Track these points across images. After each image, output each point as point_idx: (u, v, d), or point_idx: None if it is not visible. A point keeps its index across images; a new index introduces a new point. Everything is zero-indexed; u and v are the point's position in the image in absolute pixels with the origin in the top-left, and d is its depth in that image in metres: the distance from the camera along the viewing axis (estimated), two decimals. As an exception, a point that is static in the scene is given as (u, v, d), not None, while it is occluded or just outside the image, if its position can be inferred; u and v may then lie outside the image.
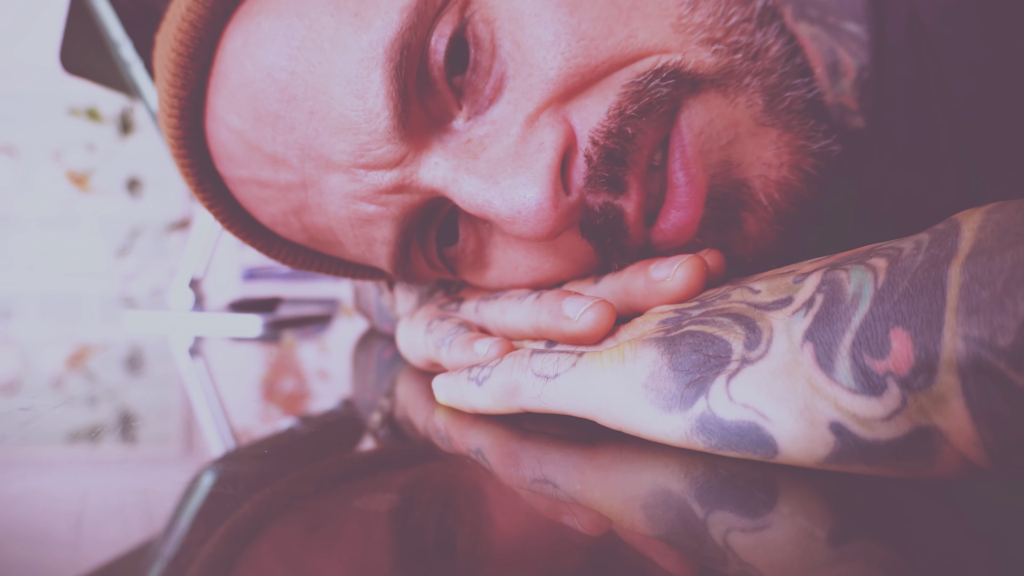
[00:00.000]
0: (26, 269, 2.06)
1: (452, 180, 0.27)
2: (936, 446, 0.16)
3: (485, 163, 0.27)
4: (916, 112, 0.30)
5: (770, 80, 0.28)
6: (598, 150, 0.26)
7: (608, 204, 0.27)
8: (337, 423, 0.28)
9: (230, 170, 0.32)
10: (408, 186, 0.28)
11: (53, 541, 0.15)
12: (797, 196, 0.28)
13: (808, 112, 0.28)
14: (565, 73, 0.26)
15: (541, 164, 0.26)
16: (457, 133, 0.28)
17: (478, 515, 0.17)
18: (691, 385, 0.20)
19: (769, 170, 0.28)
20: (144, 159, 2.13)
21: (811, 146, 0.28)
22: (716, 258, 0.26)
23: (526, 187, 0.25)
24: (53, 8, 1.26)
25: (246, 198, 0.33)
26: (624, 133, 0.26)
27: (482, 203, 0.26)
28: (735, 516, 0.16)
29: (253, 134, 0.29)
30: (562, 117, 0.27)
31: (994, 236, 0.16)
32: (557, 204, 0.25)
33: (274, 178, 0.30)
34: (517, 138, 0.27)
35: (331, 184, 0.29)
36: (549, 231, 0.26)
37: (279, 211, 0.32)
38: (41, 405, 0.29)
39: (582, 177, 0.27)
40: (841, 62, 0.32)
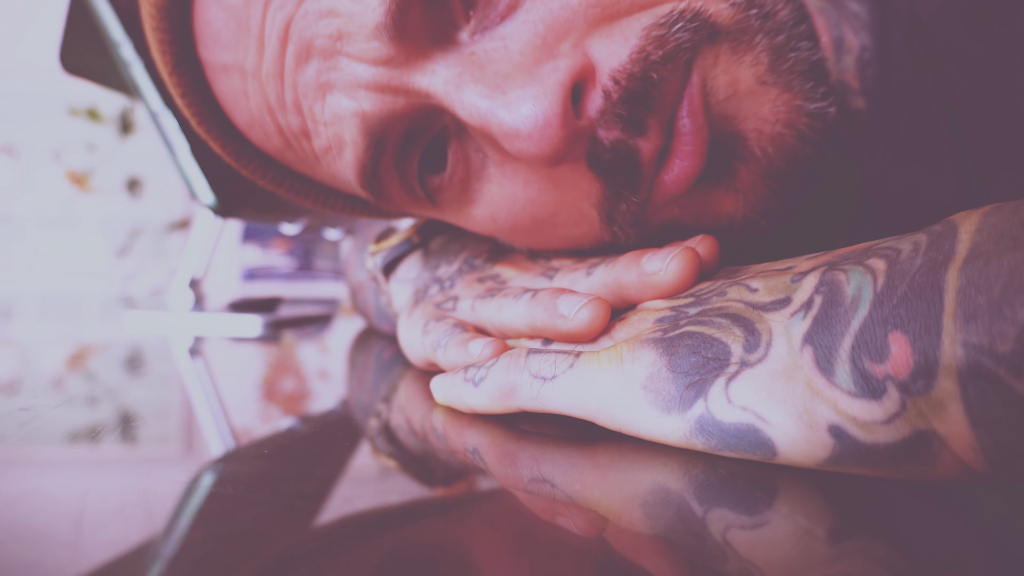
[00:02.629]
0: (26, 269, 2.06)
1: (454, 86, 0.26)
2: (935, 450, 0.16)
3: (492, 74, 0.26)
4: (917, 110, 0.30)
5: (777, 40, 0.27)
6: (619, 89, 0.26)
7: (621, 141, 0.26)
8: (337, 423, 0.28)
9: (215, 54, 0.30)
10: (395, 87, 0.27)
11: (53, 541, 0.15)
12: (790, 152, 0.28)
13: (809, 73, 0.28)
14: (588, 3, 0.25)
15: (553, 80, 0.25)
16: (460, 46, 0.27)
17: (477, 515, 0.17)
18: (690, 387, 0.20)
19: (764, 124, 0.28)
20: (144, 159, 2.13)
21: (808, 106, 0.28)
22: (709, 247, 0.26)
23: (535, 100, 0.25)
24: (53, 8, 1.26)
25: (225, 90, 0.31)
26: (649, 78, 0.25)
27: (485, 111, 0.26)
28: (734, 514, 0.16)
29: (244, 11, 0.27)
30: (582, 51, 0.26)
31: (990, 240, 0.16)
32: (565, 122, 0.25)
33: (257, 65, 0.28)
34: (531, 59, 0.26)
35: (308, 74, 0.27)
36: (553, 150, 0.25)
37: (256, 107, 0.30)
38: (41, 405, 0.29)
39: (596, 109, 0.26)
40: (845, 39, 0.32)
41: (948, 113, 0.28)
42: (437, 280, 0.38)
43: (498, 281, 0.34)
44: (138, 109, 2.09)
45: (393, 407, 0.30)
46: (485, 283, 0.34)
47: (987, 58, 0.27)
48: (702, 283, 0.24)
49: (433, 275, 0.39)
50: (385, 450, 0.23)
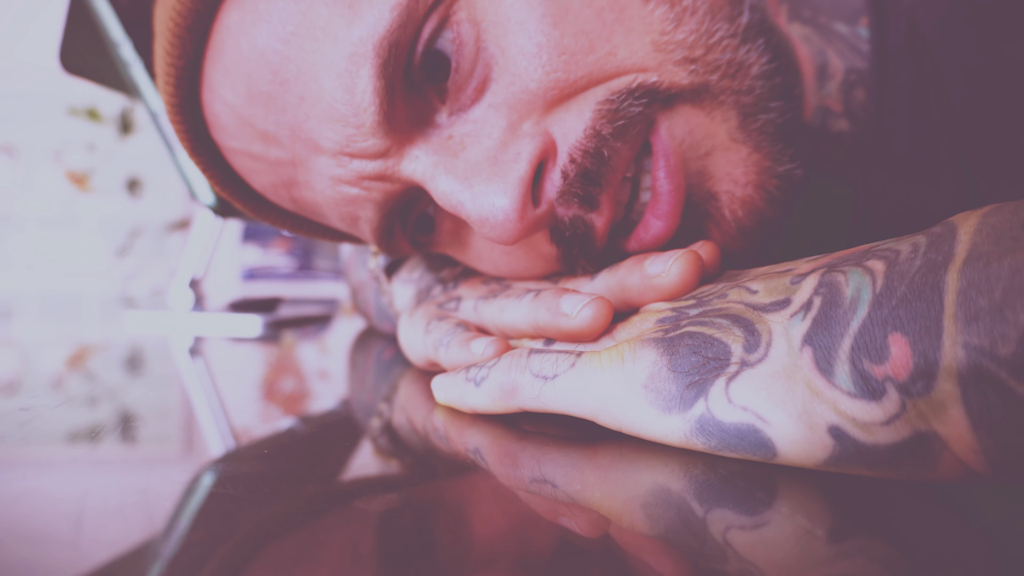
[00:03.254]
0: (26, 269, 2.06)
1: (431, 176, 0.28)
2: (936, 451, 0.16)
3: (463, 163, 0.28)
4: (916, 120, 0.30)
5: (746, 99, 0.29)
6: (575, 168, 0.27)
7: (578, 218, 0.28)
8: (337, 423, 0.28)
9: (224, 139, 0.33)
10: (390, 176, 0.29)
11: (53, 541, 0.15)
12: (760, 214, 0.30)
13: (778, 135, 0.29)
14: (545, 86, 0.27)
15: (514, 175, 0.27)
16: (439, 128, 0.29)
17: (478, 515, 0.17)
18: (690, 387, 0.20)
19: (736, 187, 0.29)
20: (144, 159, 2.13)
21: (777, 168, 0.30)
22: (711, 251, 0.26)
23: (496, 195, 0.27)
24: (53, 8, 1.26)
25: (239, 166, 0.34)
26: (600, 155, 0.27)
27: (455, 203, 0.28)
28: (734, 514, 0.16)
29: (246, 110, 0.30)
30: (543, 129, 0.28)
31: (990, 240, 0.16)
32: (524, 216, 0.27)
33: (264, 153, 0.31)
34: (498, 143, 0.28)
35: (318, 166, 0.30)
36: (513, 239, 0.27)
37: (269, 183, 0.33)
38: (41, 405, 0.29)
39: (555, 190, 0.28)
40: (829, 64, 0.33)
41: (947, 123, 0.28)
42: (440, 281, 0.39)
43: (501, 283, 0.34)
44: (138, 109, 2.09)
45: (394, 407, 0.30)
46: (488, 284, 0.35)
47: (986, 68, 0.27)
48: (704, 286, 0.24)
49: (436, 276, 0.39)
50: (386, 450, 0.23)
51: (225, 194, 0.37)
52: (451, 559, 0.14)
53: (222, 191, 0.37)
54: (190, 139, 0.34)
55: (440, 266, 0.40)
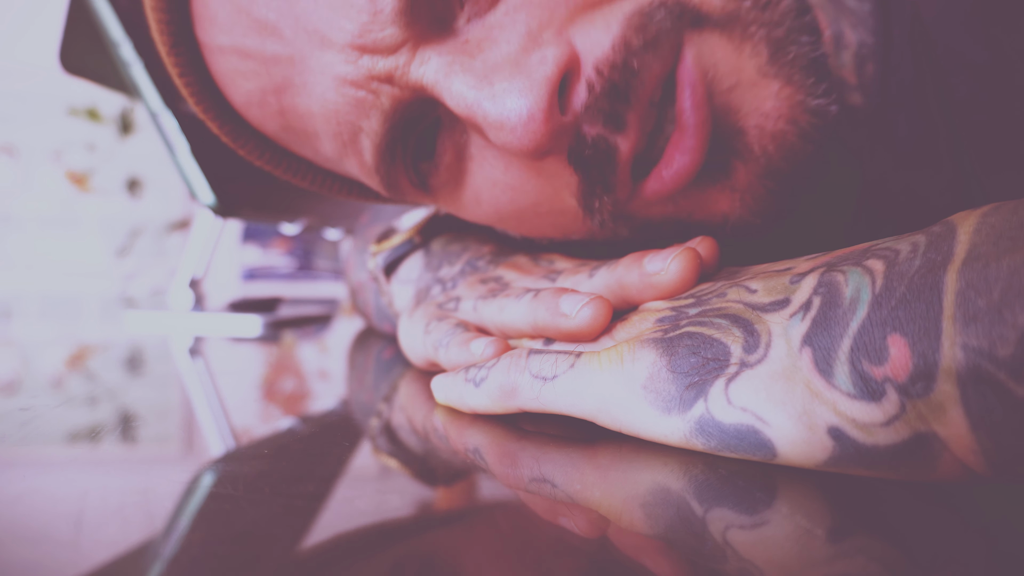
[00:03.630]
0: (26, 269, 2.06)
1: (444, 76, 0.26)
2: (936, 452, 0.16)
3: (481, 64, 0.26)
4: (916, 110, 0.30)
5: (776, 32, 0.27)
6: (602, 81, 0.25)
7: (601, 137, 0.26)
8: (337, 423, 0.28)
9: (210, 35, 0.30)
10: (399, 79, 0.27)
11: (53, 541, 0.15)
12: (791, 150, 0.28)
13: (811, 68, 0.28)
14: None
15: (540, 74, 0.25)
16: (456, 32, 0.27)
17: (478, 515, 0.17)
18: (690, 388, 0.20)
19: (766, 121, 0.27)
20: (144, 159, 2.13)
21: (810, 102, 0.28)
22: (709, 248, 0.26)
23: (521, 93, 0.25)
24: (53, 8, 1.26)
25: (222, 70, 0.31)
26: (630, 67, 0.25)
27: (472, 102, 0.26)
28: (734, 514, 0.16)
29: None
30: (566, 39, 0.26)
31: (989, 240, 0.16)
32: (549, 118, 0.25)
33: (259, 48, 0.28)
34: (518, 48, 0.26)
35: (322, 62, 0.27)
36: (535, 145, 0.25)
37: (257, 87, 0.30)
38: (41, 405, 0.29)
39: (581, 103, 0.26)
40: (844, 34, 0.32)
41: (946, 114, 0.28)
42: (439, 281, 0.38)
43: (500, 283, 0.34)
44: (138, 109, 2.09)
45: (394, 407, 0.30)
46: (487, 284, 0.34)
47: (986, 61, 0.27)
48: (702, 284, 0.24)
49: (435, 276, 0.39)
50: (386, 450, 0.23)
51: (200, 108, 0.33)
52: (451, 559, 0.14)
53: (198, 104, 0.33)
54: (171, 32, 0.31)
55: (439, 266, 0.40)
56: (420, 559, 0.14)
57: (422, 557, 0.14)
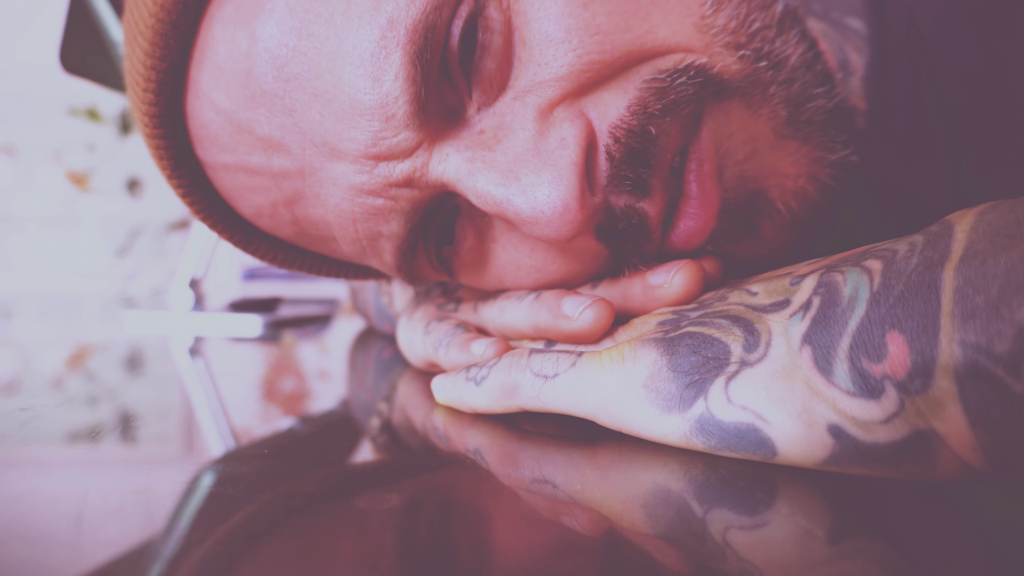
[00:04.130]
0: (26, 269, 2.06)
1: (466, 173, 0.25)
2: (935, 449, 0.16)
3: (503, 156, 0.25)
4: (913, 116, 0.30)
5: (793, 90, 0.27)
6: (619, 148, 0.25)
7: (631, 207, 0.26)
8: (337, 423, 0.28)
9: (212, 155, 0.29)
10: (419, 180, 0.26)
11: (53, 541, 0.15)
12: (814, 205, 0.28)
13: (829, 122, 0.27)
14: (577, 69, 0.24)
15: (566, 161, 0.24)
16: (469, 124, 0.26)
17: (478, 515, 0.17)
18: (690, 386, 0.20)
19: (786, 180, 0.27)
20: (144, 159, 2.13)
21: (829, 156, 0.28)
22: (713, 264, 0.26)
23: (551, 185, 0.24)
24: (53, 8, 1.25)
25: (228, 186, 0.30)
26: (648, 133, 0.25)
27: (501, 200, 0.25)
28: (734, 514, 0.16)
29: (244, 115, 0.27)
30: (579, 111, 0.25)
31: (986, 238, 0.16)
32: (584, 205, 0.24)
33: (266, 165, 0.28)
34: (534, 132, 0.25)
35: (334, 174, 0.26)
36: (572, 233, 0.24)
37: (267, 201, 0.29)
38: (41, 405, 0.29)
39: (604, 176, 0.25)
40: (849, 60, 0.32)
41: (944, 118, 0.28)
42: (440, 283, 0.38)
43: None
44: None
45: (394, 407, 0.30)
46: None
47: (983, 67, 0.27)
48: (706, 293, 0.24)
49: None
50: (386, 450, 0.23)
51: (208, 223, 0.33)
52: (451, 559, 0.14)
53: (206, 220, 0.33)
54: (171, 157, 0.30)
55: None
56: (420, 559, 0.14)
57: (422, 557, 0.14)
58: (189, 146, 0.30)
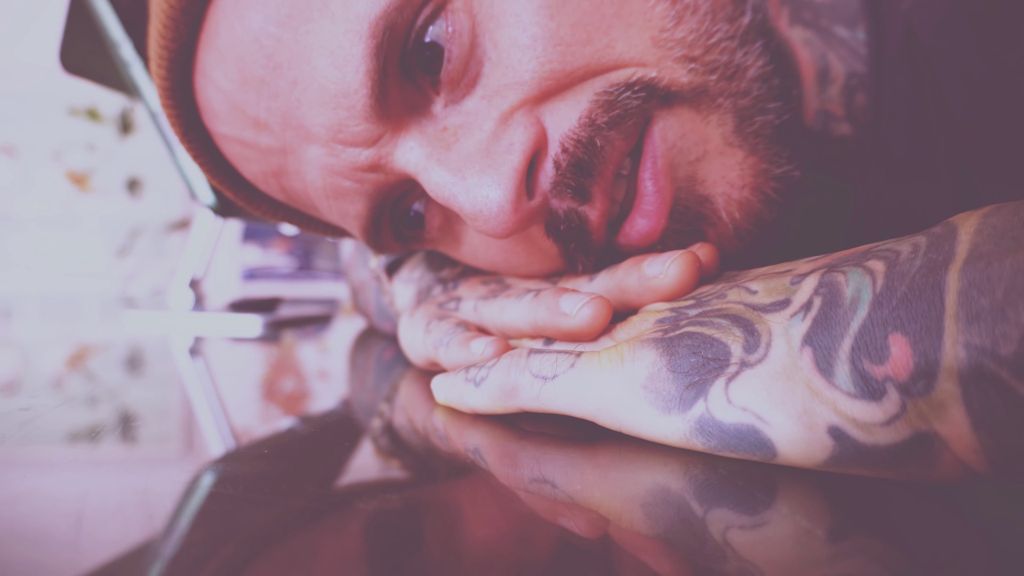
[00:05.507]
0: (26, 269, 2.06)
1: (424, 168, 0.28)
2: (936, 452, 0.16)
3: (456, 155, 0.28)
4: (914, 125, 0.30)
5: (743, 102, 0.28)
6: (567, 157, 0.27)
7: (572, 210, 0.28)
8: (337, 423, 0.28)
9: (215, 126, 0.32)
10: (383, 167, 0.29)
11: (53, 541, 0.15)
12: (757, 217, 0.30)
13: (775, 137, 0.29)
14: (539, 77, 0.27)
15: (508, 167, 0.26)
16: (435, 119, 0.29)
17: (478, 515, 0.17)
18: (690, 387, 0.20)
19: (732, 190, 0.29)
20: (144, 159, 2.13)
21: (774, 170, 0.29)
22: (709, 253, 0.26)
23: (490, 187, 0.26)
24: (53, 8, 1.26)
25: (230, 153, 0.33)
26: (593, 144, 0.27)
27: (448, 196, 0.27)
28: (734, 514, 0.16)
29: (238, 96, 0.29)
30: (535, 118, 0.27)
31: (991, 240, 0.16)
32: (518, 208, 0.26)
33: (255, 140, 0.31)
34: (490, 133, 0.27)
35: (309, 155, 0.29)
36: (507, 231, 0.27)
37: (259, 171, 0.33)
38: (41, 405, 0.29)
39: (548, 181, 0.28)
40: (831, 68, 0.33)
41: (945, 128, 0.28)
42: (440, 281, 0.39)
43: (501, 284, 0.34)
44: (138, 109, 2.09)
45: (394, 407, 0.30)
46: (488, 285, 0.35)
47: (984, 74, 0.27)
48: (703, 286, 0.24)
49: (436, 276, 0.39)
50: (386, 450, 0.23)
51: (215, 182, 0.36)
52: (451, 559, 0.14)
53: (212, 179, 0.36)
54: (181, 124, 0.34)
55: (440, 266, 0.40)
56: (420, 559, 0.14)
57: (422, 557, 0.14)
58: (198, 116, 0.34)
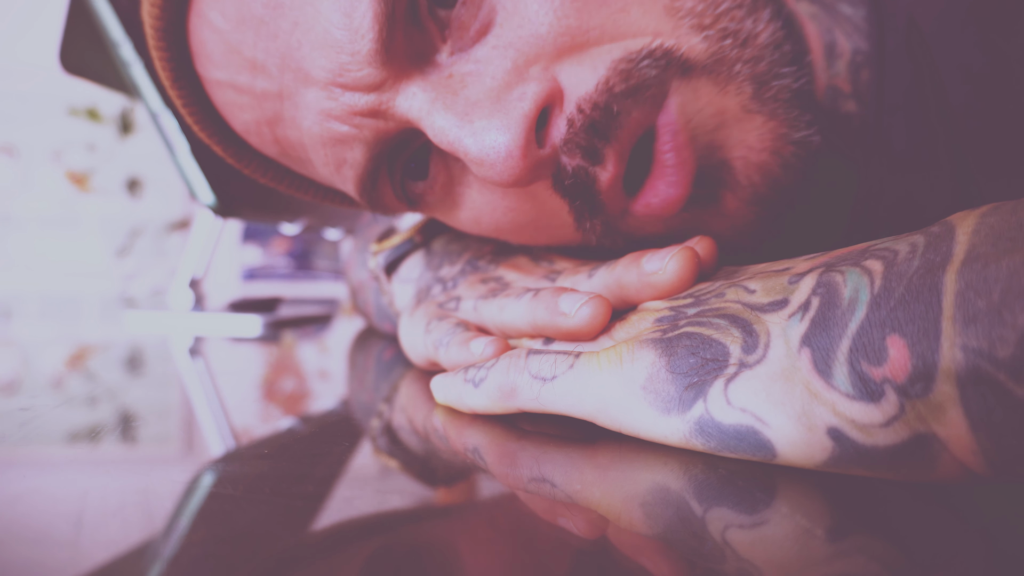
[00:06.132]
0: (26, 269, 2.06)
1: (427, 112, 0.27)
2: (935, 453, 0.16)
3: (463, 101, 0.27)
4: (914, 117, 0.30)
5: (759, 68, 0.28)
6: (582, 117, 0.27)
7: (580, 167, 0.27)
8: (337, 423, 0.28)
9: (208, 70, 0.31)
10: (384, 112, 0.28)
11: (53, 541, 0.15)
12: (775, 180, 0.29)
13: (793, 101, 0.29)
14: (556, 31, 0.26)
15: (517, 112, 0.26)
16: (440, 67, 0.28)
17: (477, 515, 0.17)
18: (689, 388, 0.20)
19: (751, 153, 0.29)
20: (144, 159, 2.13)
21: (793, 134, 0.29)
22: (707, 247, 0.26)
23: (498, 131, 0.26)
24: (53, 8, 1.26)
25: (222, 101, 0.33)
26: (610, 109, 0.26)
27: (453, 139, 0.27)
28: (734, 513, 0.16)
29: (234, 36, 0.29)
30: (551, 76, 0.27)
31: (988, 241, 0.16)
32: (527, 154, 0.26)
33: (251, 84, 0.30)
34: (501, 83, 0.27)
35: (307, 99, 0.29)
36: (515, 179, 0.26)
37: (252, 119, 0.32)
38: (41, 405, 0.29)
39: (560, 136, 0.27)
40: (837, 43, 0.33)
41: (945, 119, 0.28)
42: (440, 280, 0.39)
43: (501, 283, 0.34)
44: (138, 109, 2.09)
45: (394, 407, 0.30)
46: (488, 284, 0.34)
47: (984, 66, 0.27)
48: (701, 284, 0.24)
49: (436, 275, 0.39)
50: (386, 450, 0.23)
51: (205, 135, 0.35)
52: (450, 559, 0.14)
53: (201, 131, 0.35)
54: (172, 68, 0.32)
55: (440, 265, 0.40)
56: (420, 559, 0.14)
57: (422, 557, 0.14)
58: (190, 61, 0.33)
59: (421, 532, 0.15)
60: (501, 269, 0.35)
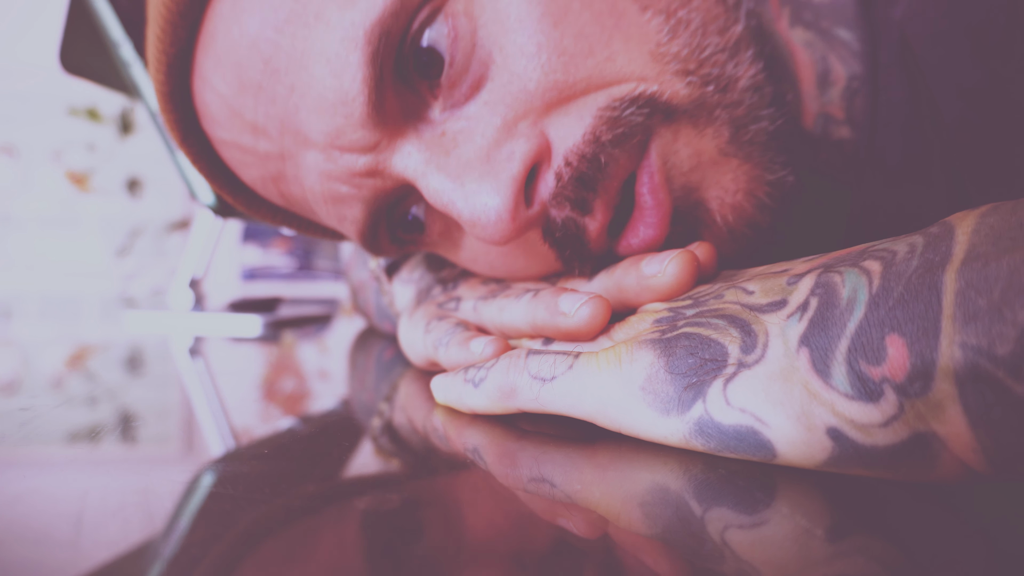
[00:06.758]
0: (26, 269, 2.06)
1: (422, 174, 0.28)
2: (935, 452, 0.16)
3: (455, 161, 0.28)
4: (909, 132, 0.30)
5: (737, 112, 0.29)
6: (570, 171, 0.27)
7: (570, 219, 0.28)
8: (337, 423, 0.28)
9: (214, 130, 0.32)
10: (381, 171, 0.29)
11: (53, 541, 0.15)
12: (750, 220, 0.30)
13: (770, 143, 0.29)
14: (544, 87, 0.27)
15: (507, 175, 0.27)
16: (433, 123, 0.29)
17: (477, 515, 0.17)
18: (688, 388, 0.20)
19: (725, 194, 0.29)
20: (144, 159, 2.13)
21: (767, 176, 0.30)
22: (707, 252, 0.26)
23: (488, 195, 0.26)
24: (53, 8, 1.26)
25: (229, 158, 0.33)
26: (597, 161, 0.27)
27: (446, 202, 0.28)
28: (733, 513, 0.16)
29: (236, 101, 0.29)
30: (540, 131, 0.27)
31: (988, 240, 0.16)
32: (516, 216, 0.27)
33: (254, 145, 0.31)
34: (491, 141, 0.27)
35: (307, 160, 0.29)
36: (505, 239, 0.27)
37: (258, 176, 0.33)
38: (41, 405, 0.29)
39: (548, 192, 0.28)
40: (832, 70, 0.33)
41: (940, 137, 0.28)
42: (440, 281, 0.39)
43: (501, 284, 0.34)
44: (138, 109, 2.09)
45: (394, 407, 0.30)
46: (488, 285, 0.35)
47: (977, 84, 0.27)
48: (700, 286, 0.24)
49: (436, 276, 0.39)
50: (386, 450, 0.23)
51: (215, 187, 0.36)
52: (450, 559, 0.14)
53: (212, 183, 0.36)
54: (180, 129, 0.34)
55: (440, 266, 0.40)
56: (419, 559, 0.14)
57: (421, 558, 0.14)
58: (196, 120, 0.34)
59: (420, 532, 0.15)
60: (501, 269, 0.36)
